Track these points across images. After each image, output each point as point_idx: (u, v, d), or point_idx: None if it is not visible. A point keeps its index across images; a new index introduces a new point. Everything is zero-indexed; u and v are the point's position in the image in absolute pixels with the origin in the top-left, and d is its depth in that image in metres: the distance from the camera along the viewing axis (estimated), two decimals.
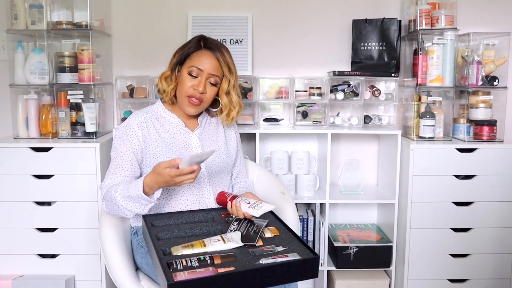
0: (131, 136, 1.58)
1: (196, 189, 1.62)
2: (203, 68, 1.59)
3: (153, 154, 1.59)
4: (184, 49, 1.64)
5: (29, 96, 2.14)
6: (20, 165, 2.01)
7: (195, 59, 1.60)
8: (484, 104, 2.21)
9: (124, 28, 2.41)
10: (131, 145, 1.57)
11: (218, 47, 1.63)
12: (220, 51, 1.62)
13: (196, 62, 1.59)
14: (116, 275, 1.52)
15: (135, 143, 1.58)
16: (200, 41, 1.63)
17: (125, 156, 1.57)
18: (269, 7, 2.43)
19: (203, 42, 1.62)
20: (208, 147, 1.69)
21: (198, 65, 1.59)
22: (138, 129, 1.59)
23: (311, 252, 1.32)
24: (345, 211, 2.53)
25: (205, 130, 1.72)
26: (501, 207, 2.14)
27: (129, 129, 1.59)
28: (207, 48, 1.61)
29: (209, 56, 1.60)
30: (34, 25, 2.10)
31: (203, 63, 1.59)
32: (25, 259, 2.06)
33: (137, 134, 1.58)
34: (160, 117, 1.66)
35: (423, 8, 2.19)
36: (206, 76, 1.59)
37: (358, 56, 2.39)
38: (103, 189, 1.57)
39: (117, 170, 1.57)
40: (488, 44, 2.23)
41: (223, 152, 1.72)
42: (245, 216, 1.47)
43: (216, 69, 1.61)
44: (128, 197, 1.47)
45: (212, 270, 1.20)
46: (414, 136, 2.23)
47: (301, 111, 2.31)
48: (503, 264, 2.18)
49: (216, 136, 1.74)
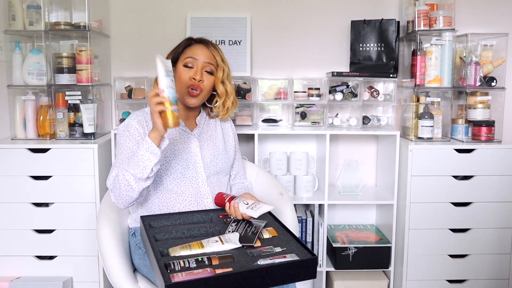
0: (134, 132, 1.57)
1: (194, 190, 1.62)
2: (198, 57, 1.63)
3: None
4: (176, 49, 1.69)
5: (27, 97, 2.14)
6: (17, 166, 2.00)
7: (188, 52, 1.65)
8: (482, 104, 2.21)
9: (122, 29, 2.41)
10: (133, 137, 1.56)
11: (208, 41, 1.70)
12: (211, 44, 1.69)
13: (190, 53, 1.64)
14: (113, 277, 1.51)
15: (138, 137, 1.57)
16: (190, 39, 1.70)
17: (130, 148, 1.55)
18: (267, 8, 2.43)
19: (194, 40, 1.69)
20: (207, 147, 1.69)
21: (193, 55, 1.63)
22: (139, 126, 1.59)
23: (309, 252, 1.32)
24: (343, 212, 2.52)
25: (204, 131, 1.72)
26: (500, 208, 2.14)
27: (130, 126, 1.59)
28: (198, 42, 1.68)
29: (201, 47, 1.66)
30: (32, 25, 2.10)
31: (197, 53, 1.64)
32: (22, 260, 2.06)
33: (139, 130, 1.58)
34: None
35: (421, 9, 2.19)
36: (201, 65, 1.63)
37: (357, 57, 2.39)
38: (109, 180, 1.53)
39: (123, 162, 1.52)
40: (486, 45, 2.23)
41: (222, 152, 1.72)
42: (243, 217, 1.47)
43: (210, 57, 1.65)
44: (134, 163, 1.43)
45: (210, 271, 1.19)
46: (413, 137, 2.23)
47: (300, 112, 2.31)
48: (501, 265, 2.18)
49: (215, 136, 1.74)
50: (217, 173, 1.69)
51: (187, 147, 1.64)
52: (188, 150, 1.64)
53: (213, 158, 1.68)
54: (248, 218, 1.47)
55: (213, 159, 1.68)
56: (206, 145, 1.69)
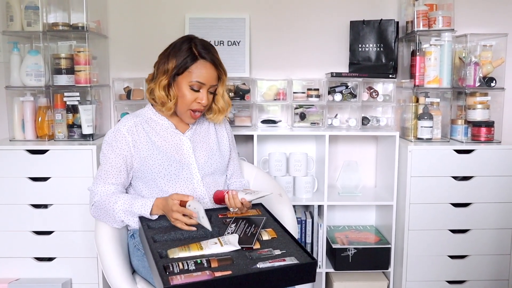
0: (121, 142, 1.58)
1: (190, 191, 1.62)
2: (206, 82, 1.58)
3: (144, 158, 1.59)
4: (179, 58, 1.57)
5: (25, 98, 2.13)
6: (16, 168, 2.00)
7: (195, 72, 1.56)
8: (481, 105, 2.21)
9: (121, 29, 2.40)
10: (120, 151, 1.58)
11: (210, 51, 1.59)
12: (214, 56, 1.60)
13: (197, 76, 1.56)
14: (112, 278, 1.51)
15: (125, 149, 1.58)
16: (192, 49, 1.57)
17: (115, 163, 1.58)
18: (266, 8, 2.42)
19: (196, 50, 1.57)
20: (200, 148, 1.68)
21: (200, 79, 1.57)
22: (128, 134, 1.59)
23: (308, 256, 1.31)
24: (343, 213, 2.52)
25: (196, 132, 1.71)
26: (499, 208, 2.14)
27: (119, 134, 1.59)
28: (203, 58, 1.57)
29: (208, 68, 1.58)
30: (30, 26, 2.09)
31: (204, 76, 1.57)
32: (21, 262, 2.05)
33: (127, 139, 1.58)
34: (150, 120, 1.66)
35: (420, 9, 2.19)
36: (208, 87, 1.60)
37: (356, 58, 2.39)
38: (94, 194, 1.59)
39: (108, 177, 1.58)
40: (486, 45, 2.23)
41: (216, 152, 1.71)
42: (242, 202, 1.51)
43: (216, 78, 1.62)
44: (131, 212, 1.53)
45: (209, 274, 1.19)
46: (412, 138, 2.23)
47: (299, 112, 2.30)
48: (501, 265, 2.18)
49: (208, 137, 1.73)
50: (212, 173, 1.68)
51: (179, 149, 1.64)
52: (181, 152, 1.64)
53: (207, 159, 1.67)
54: (246, 203, 1.51)
55: (207, 159, 1.67)
56: (200, 146, 1.68)
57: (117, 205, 1.53)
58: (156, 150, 1.60)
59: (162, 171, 1.59)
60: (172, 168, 1.60)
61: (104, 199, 1.55)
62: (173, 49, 1.60)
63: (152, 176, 1.59)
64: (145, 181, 1.61)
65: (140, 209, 1.51)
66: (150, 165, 1.58)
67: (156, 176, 1.59)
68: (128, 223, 1.56)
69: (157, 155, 1.59)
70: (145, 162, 1.58)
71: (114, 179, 1.58)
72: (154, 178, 1.59)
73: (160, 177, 1.59)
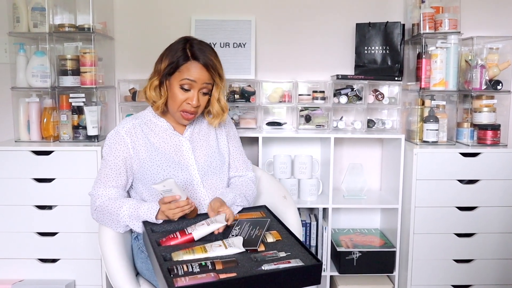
0: (120, 144, 1.58)
1: (190, 193, 1.61)
2: (196, 79, 1.54)
3: (144, 160, 1.58)
4: (172, 58, 1.56)
5: (31, 99, 2.14)
6: (21, 169, 2.00)
7: (185, 71, 1.54)
8: (487, 108, 2.20)
9: (126, 31, 2.41)
10: (120, 154, 1.58)
11: (205, 53, 1.56)
12: (208, 58, 1.56)
13: (187, 74, 1.54)
14: (116, 280, 1.51)
15: (124, 151, 1.58)
16: (186, 50, 1.55)
17: (114, 166, 1.58)
18: (272, 10, 2.42)
19: (190, 51, 1.55)
20: (200, 147, 1.66)
21: (190, 77, 1.54)
22: (127, 136, 1.59)
23: (314, 258, 1.30)
24: (348, 215, 2.51)
25: (195, 132, 1.69)
26: (505, 212, 2.12)
27: (118, 136, 1.59)
28: (195, 59, 1.54)
29: (198, 68, 1.54)
30: (36, 28, 2.10)
31: (195, 75, 1.54)
32: (25, 263, 2.05)
33: (126, 141, 1.58)
34: (150, 122, 1.65)
35: (426, 12, 2.18)
36: (199, 87, 1.56)
37: (362, 60, 2.38)
38: (95, 198, 1.58)
39: (108, 180, 1.58)
40: (492, 48, 2.22)
41: (215, 152, 1.69)
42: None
43: (208, 78, 1.57)
44: (136, 217, 1.52)
45: (213, 276, 1.18)
46: (418, 141, 2.22)
47: (304, 115, 2.30)
48: (507, 270, 2.16)
49: (208, 137, 1.71)
50: (212, 174, 1.65)
51: (178, 151, 1.63)
52: (180, 154, 1.63)
53: (207, 158, 1.66)
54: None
55: (207, 159, 1.65)
56: (199, 146, 1.67)
57: (122, 209, 1.52)
58: (155, 152, 1.59)
59: (161, 172, 1.58)
60: (171, 170, 1.59)
61: (107, 204, 1.55)
62: (169, 50, 1.60)
63: (151, 178, 1.58)
64: (145, 183, 1.60)
65: (146, 213, 1.51)
66: (149, 166, 1.58)
67: (155, 178, 1.57)
68: (133, 228, 1.55)
69: (156, 157, 1.59)
70: (144, 163, 1.58)
71: (115, 182, 1.58)
72: (154, 179, 1.58)
73: (159, 179, 1.57)
